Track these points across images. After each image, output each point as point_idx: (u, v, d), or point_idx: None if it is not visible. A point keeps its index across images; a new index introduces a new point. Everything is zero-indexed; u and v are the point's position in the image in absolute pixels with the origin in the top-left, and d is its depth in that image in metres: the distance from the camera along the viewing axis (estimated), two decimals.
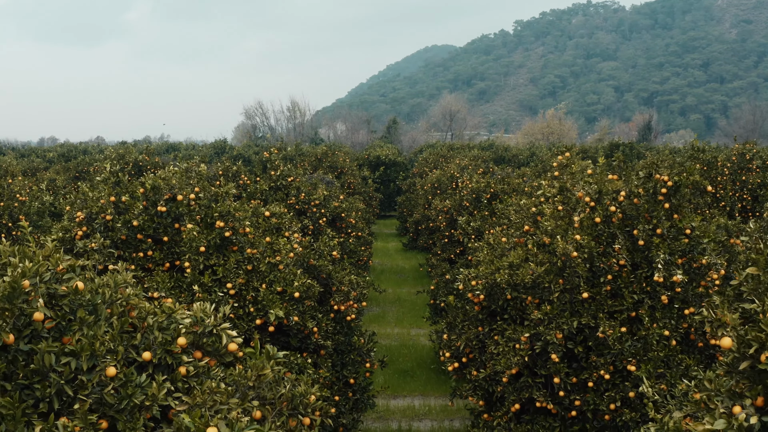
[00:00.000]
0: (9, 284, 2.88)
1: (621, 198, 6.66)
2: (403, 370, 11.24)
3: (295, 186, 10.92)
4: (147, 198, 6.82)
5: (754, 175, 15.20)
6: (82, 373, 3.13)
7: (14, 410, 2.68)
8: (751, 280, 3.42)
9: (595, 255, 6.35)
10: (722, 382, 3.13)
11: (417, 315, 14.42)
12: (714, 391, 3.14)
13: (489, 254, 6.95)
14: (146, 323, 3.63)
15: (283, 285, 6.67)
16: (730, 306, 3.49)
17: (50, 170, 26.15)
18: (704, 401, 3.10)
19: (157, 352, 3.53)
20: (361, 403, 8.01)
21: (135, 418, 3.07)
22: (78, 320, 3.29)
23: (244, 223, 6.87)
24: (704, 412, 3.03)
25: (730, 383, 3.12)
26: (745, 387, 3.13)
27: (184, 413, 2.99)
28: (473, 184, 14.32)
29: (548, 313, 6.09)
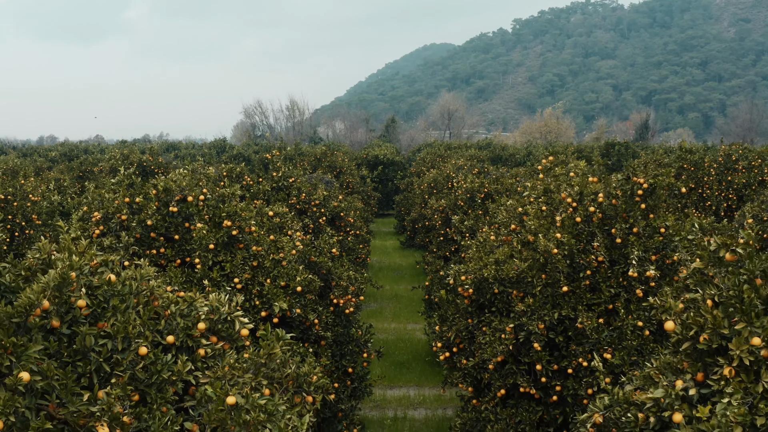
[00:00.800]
0: (60, 275, 3.38)
1: (600, 199, 7.17)
2: (400, 362, 11.76)
3: (296, 186, 11.43)
4: (159, 199, 7.32)
5: (739, 176, 15.71)
6: (117, 352, 3.63)
7: (66, 381, 3.18)
8: (696, 273, 3.93)
9: (575, 252, 6.86)
10: (667, 360, 3.64)
11: (413, 310, 14.93)
12: (660, 368, 3.65)
13: (478, 251, 7.46)
14: (169, 311, 4.13)
15: (286, 280, 7.17)
16: (679, 296, 4.00)
17: (54, 170, 26.60)
18: (651, 376, 3.61)
19: (180, 336, 4.04)
20: (359, 391, 8.52)
21: (164, 391, 3.57)
22: (111, 308, 3.79)
23: (250, 222, 7.37)
24: (650, 385, 3.54)
25: (673, 361, 3.63)
26: (687, 365, 3.64)
27: (208, 385, 3.50)
28: (467, 184, 14.83)
29: (531, 305, 6.60)
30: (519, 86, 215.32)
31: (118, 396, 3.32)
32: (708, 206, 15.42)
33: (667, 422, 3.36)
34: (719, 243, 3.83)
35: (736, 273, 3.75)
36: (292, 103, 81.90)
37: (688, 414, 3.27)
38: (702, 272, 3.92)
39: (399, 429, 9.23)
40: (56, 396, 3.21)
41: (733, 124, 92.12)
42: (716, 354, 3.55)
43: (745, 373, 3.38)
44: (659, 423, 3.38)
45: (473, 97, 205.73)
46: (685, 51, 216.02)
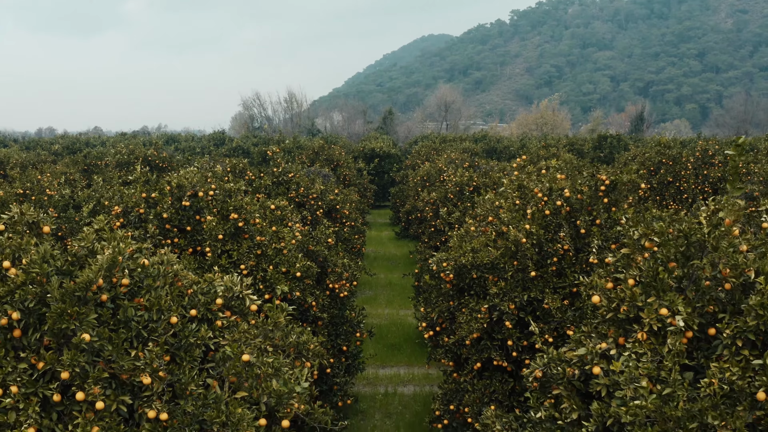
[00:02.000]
0: (110, 259, 4.23)
1: (567, 194, 8.02)
2: (391, 344, 12.66)
3: (295, 181, 12.26)
4: (173, 194, 8.16)
5: (715, 170, 16.58)
6: (152, 322, 4.48)
7: (118, 341, 4.05)
8: (623, 258, 4.80)
9: (544, 241, 7.72)
10: (594, 327, 4.52)
11: (405, 297, 15.82)
12: (588, 333, 4.53)
13: (459, 241, 8.33)
14: (191, 290, 4.99)
15: (287, 266, 8.03)
16: (610, 276, 4.88)
17: (60, 163, 27.35)
18: (581, 339, 4.49)
19: (201, 310, 4.90)
20: (353, 368, 9.42)
21: (190, 352, 4.44)
22: (146, 286, 4.64)
23: (254, 215, 8.22)
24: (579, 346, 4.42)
25: (600, 328, 4.51)
26: (612, 331, 4.52)
27: (227, 346, 4.37)
28: (457, 177, 15.68)
29: (503, 288, 7.48)
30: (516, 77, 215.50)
31: (156, 354, 4.18)
32: (685, 198, 16.30)
33: (589, 374, 4.24)
34: (641, 233, 4.70)
35: (653, 257, 4.63)
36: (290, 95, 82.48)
37: (606, 368, 4.15)
38: (628, 256, 4.79)
39: (389, 403, 10.14)
40: (108, 354, 4.08)
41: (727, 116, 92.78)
42: (633, 322, 4.44)
43: (654, 336, 4.26)
44: (583, 375, 4.26)
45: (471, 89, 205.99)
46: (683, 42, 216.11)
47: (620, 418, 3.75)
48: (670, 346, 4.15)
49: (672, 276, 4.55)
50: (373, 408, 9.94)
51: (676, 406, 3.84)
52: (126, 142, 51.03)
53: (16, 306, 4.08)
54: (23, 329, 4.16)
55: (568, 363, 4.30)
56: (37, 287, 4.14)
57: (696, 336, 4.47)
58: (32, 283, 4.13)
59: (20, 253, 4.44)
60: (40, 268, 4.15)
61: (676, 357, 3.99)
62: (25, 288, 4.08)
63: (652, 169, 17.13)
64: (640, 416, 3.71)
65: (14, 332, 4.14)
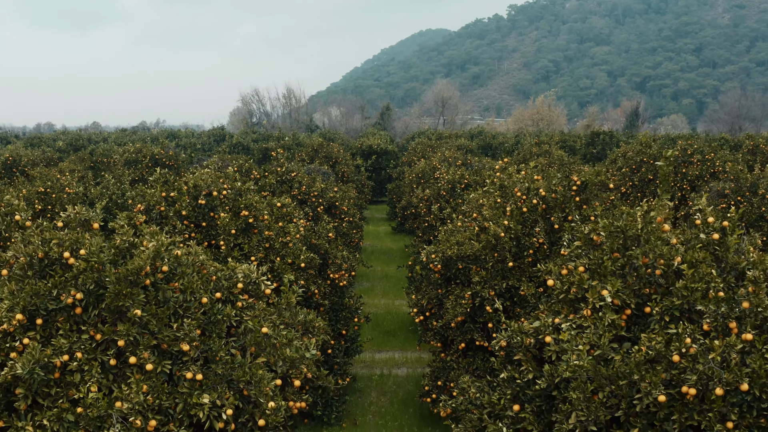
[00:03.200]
0: (155, 249, 5.18)
1: (543, 193, 8.98)
2: (387, 331, 13.65)
3: (298, 180, 13.20)
4: (190, 193, 9.10)
5: (693, 168, 17.54)
6: (186, 302, 5.43)
7: (162, 315, 5.00)
8: (576, 249, 5.77)
9: (521, 235, 8.69)
10: (549, 305, 5.49)
11: (400, 288, 16.77)
12: (545, 311, 5.50)
13: (446, 235, 9.29)
14: (215, 276, 5.94)
15: (292, 258, 8.98)
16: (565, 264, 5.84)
17: (66, 160, 28.20)
18: (538, 315, 5.46)
19: (224, 293, 5.85)
20: (352, 350, 10.40)
21: (219, 326, 5.39)
22: (179, 273, 5.59)
23: (263, 212, 9.17)
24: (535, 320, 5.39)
25: (554, 306, 5.49)
26: (564, 309, 5.49)
27: (249, 320, 5.33)
28: (449, 175, 16.63)
29: (485, 277, 8.45)
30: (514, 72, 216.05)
31: (191, 328, 5.14)
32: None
33: (543, 343, 5.21)
34: (590, 229, 5.67)
35: (600, 249, 5.60)
36: (288, 91, 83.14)
37: (556, 337, 5.12)
38: (579, 248, 5.76)
39: (385, 383, 11.12)
40: (153, 327, 5.03)
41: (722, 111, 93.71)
42: (581, 301, 5.41)
43: (596, 312, 5.23)
44: (538, 344, 5.23)
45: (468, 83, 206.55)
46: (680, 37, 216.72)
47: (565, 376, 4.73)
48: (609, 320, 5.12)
49: (616, 264, 5.52)
50: (370, 387, 10.93)
51: (609, 367, 4.81)
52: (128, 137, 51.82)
53: (79, 288, 5.03)
54: (84, 307, 5.12)
55: (526, 334, 5.27)
56: (95, 273, 5.09)
57: (634, 313, 5.45)
58: (91, 269, 5.09)
59: (77, 246, 5.39)
60: (97, 257, 5.11)
61: (609, 327, 4.96)
62: (86, 274, 5.03)
63: (633, 168, 18.09)
64: (578, 373, 4.68)
65: (76, 310, 5.09)
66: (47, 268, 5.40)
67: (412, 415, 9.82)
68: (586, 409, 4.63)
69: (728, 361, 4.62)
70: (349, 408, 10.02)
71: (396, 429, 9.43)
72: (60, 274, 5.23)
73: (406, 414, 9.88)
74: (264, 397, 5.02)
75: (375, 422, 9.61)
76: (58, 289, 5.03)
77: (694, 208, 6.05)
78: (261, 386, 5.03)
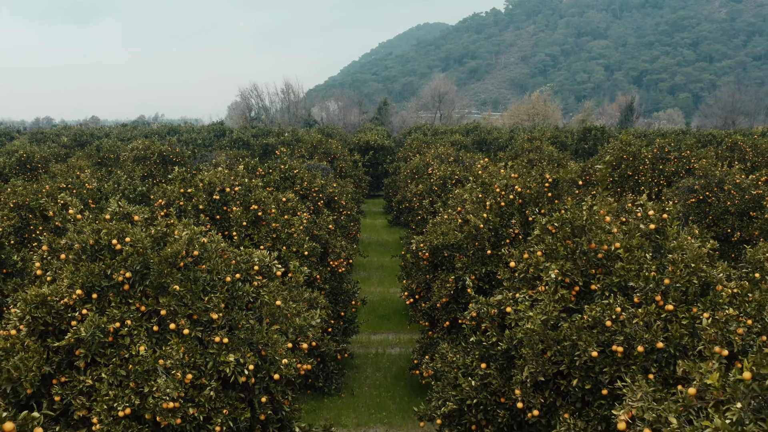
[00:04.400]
0: (189, 237, 6.32)
1: (518, 189, 10.13)
2: (382, 315, 14.83)
3: (300, 177, 14.33)
4: (205, 190, 10.23)
5: (670, 165, 18.70)
6: (212, 281, 6.58)
7: (195, 290, 6.15)
8: (535, 237, 6.93)
9: (499, 227, 9.85)
10: (512, 283, 6.66)
11: (395, 277, 17.94)
12: (509, 288, 6.67)
13: (433, 226, 10.45)
14: (235, 261, 7.09)
15: (296, 247, 10.13)
16: (527, 249, 7.00)
17: (74, 156, 29.24)
18: (503, 291, 6.62)
19: (242, 274, 7.00)
20: (350, 330, 11.57)
21: (240, 301, 6.54)
22: (206, 257, 6.74)
23: (270, 206, 10.31)
24: (498, 295, 6.56)
25: (516, 284, 6.65)
26: (523, 286, 6.66)
27: (265, 295, 6.49)
28: (441, 172, 17.77)
29: (466, 263, 9.61)
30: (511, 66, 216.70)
31: (218, 300, 6.29)
32: (642, 190, 18.42)
33: (505, 313, 6.37)
34: (546, 220, 6.83)
35: (556, 237, 6.76)
36: (287, 86, 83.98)
37: (515, 308, 6.29)
38: (539, 236, 6.93)
39: (379, 360, 12.31)
40: (188, 300, 6.18)
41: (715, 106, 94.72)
42: (537, 280, 6.58)
43: (549, 288, 6.40)
44: (500, 313, 6.40)
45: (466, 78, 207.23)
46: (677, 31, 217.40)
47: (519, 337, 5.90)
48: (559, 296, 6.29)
49: (567, 249, 6.69)
50: (366, 364, 12.11)
51: (557, 332, 5.98)
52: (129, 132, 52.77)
53: (128, 269, 6.18)
54: (131, 284, 6.27)
55: (491, 306, 6.44)
56: (140, 257, 6.24)
57: (582, 290, 6.61)
58: (137, 253, 6.23)
59: (122, 234, 6.53)
60: (141, 243, 6.26)
61: (559, 300, 6.13)
62: (133, 257, 6.18)
63: (614, 164, 19.24)
64: (530, 335, 5.85)
65: (124, 286, 6.24)
66: (97, 253, 6.55)
67: (403, 387, 11.01)
68: (536, 363, 5.81)
69: (650, 326, 5.80)
70: (347, 381, 11.22)
71: (388, 398, 10.62)
72: (109, 258, 6.37)
73: (397, 386, 11.07)
74: (278, 356, 6.19)
75: (370, 393, 10.80)
76: (110, 269, 6.17)
77: (637, 203, 7.21)
78: (276, 348, 6.20)
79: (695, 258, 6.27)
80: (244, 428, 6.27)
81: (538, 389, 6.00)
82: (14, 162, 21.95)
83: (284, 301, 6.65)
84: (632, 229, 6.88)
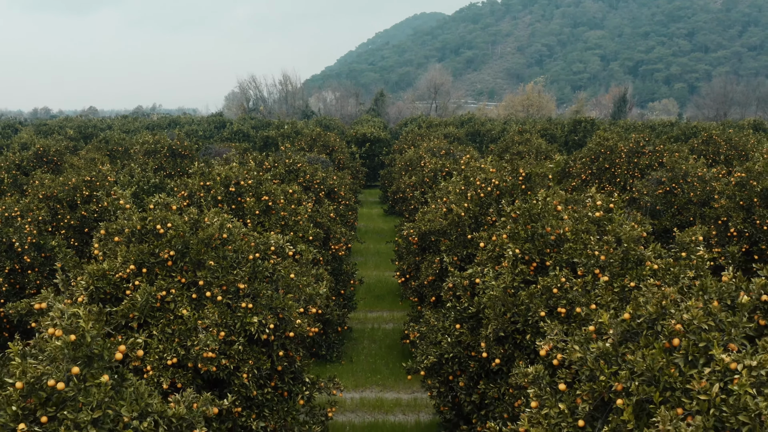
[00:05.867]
0: (220, 223, 7.82)
1: (495, 182, 11.63)
2: (378, 296, 16.38)
3: (303, 170, 15.80)
4: (223, 183, 11.70)
5: (644, 158, 20.21)
6: (238, 259, 8.08)
7: (226, 265, 7.66)
8: (503, 223, 8.45)
9: (478, 215, 11.36)
10: (482, 260, 8.19)
11: (390, 262, 19.49)
12: (479, 263, 8.19)
13: (422, 215, 11.96)
14: (254, 243, 8.59)
15: (302, 233, 11.63)
16: (495, 233, 8.51)
17: (84, 149, 30.59)
18: (477, 266, 8.15)
19: (261, 253, 8.50)
20: (348, 306, 13.12)
21: (261, 275, 8.04)
22: (232, 240, 8.23)
23: (279, 197, 11.79)
24: (469, 269, 8.08)
25: (484, 261, 8.18)
26: (489, 262, 8.19)
27: (282, 270, 8.00)
28: (432, 164, 19.25)
29: (449, 246, 11.13)
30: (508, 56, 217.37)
31: (244, 274, 7.80)
32: (618, 182, 19.96)
33: (475, 283, 7.90)
34: (511, 209, 8.34)
35: (515, 222, 8.28)
36: (284, 77, 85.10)
37: (483, 279, 7.81)
38: (504, 222, 8.45)
39: (375, 334, 13.87)
40: (220, 273, 7.69)
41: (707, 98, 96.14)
42: (501, 257, 8.10)
43: (512, 264, 7.92)
44: (471, 284, 7.93)
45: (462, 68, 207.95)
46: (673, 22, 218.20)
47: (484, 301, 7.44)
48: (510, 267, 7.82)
49: (527, 232, 8.21)
50: (363, 337, 13.67)
51: (516, 298, 7.51)
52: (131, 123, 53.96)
53: (171, 248, 7.67)
54: (173, 261, 7.76)
55: (464, 278, 7.96)
56: (180, 238, 7.73)
57: (540, 266, 8.14)
58: (178, 236, 7.73)
59: (164, 221, 8.02)
60: (182, 228, 7.75)
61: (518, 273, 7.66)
62: (176, 239, 7.68)
63: (593, 157, 20.75)
64: (492, 300, 7.38)
65: (168, 263, 7.74)
66: (143, 236, 8.04)
67: (395, 356, 12.58)
68: (497, 322, 7.34)
69: (589, 292, 7.33)
70: (346, 350, 12.78)
71: (382, 365, 12.19)
72: (154, 240, 7.86)
73: (390, 355, 12.64)
74: (293, 318, 7.71)
75: (366, 360, 12.37)
76: (157, 248, 7.67)
77: (586, 195, 8.73)
78: (290, 312, 7.72)
79: (628, 239, 7.79)
80: (265, 376, 7.81)
81: (499, 343, 7.55)
82: (32, 155, 23.33)
83: (296, 275, 8.16)
84: (581, 216, 8.40)
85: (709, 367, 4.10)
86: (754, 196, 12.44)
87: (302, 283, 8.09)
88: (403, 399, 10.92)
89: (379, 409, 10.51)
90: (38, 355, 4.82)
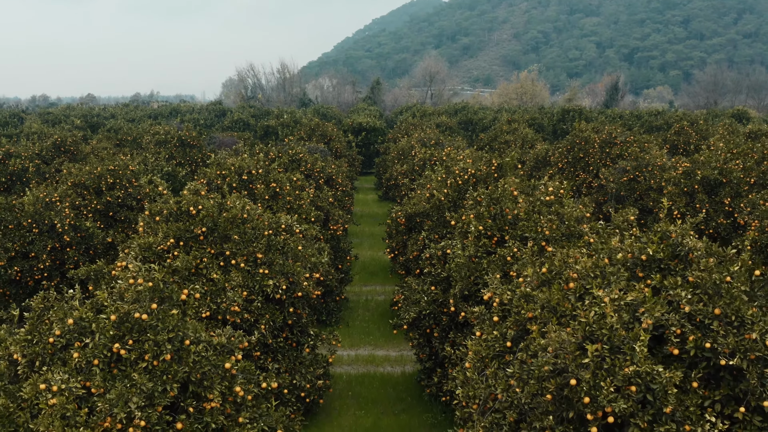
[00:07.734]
0: (242, 205, 9.71)
1: (471, 171, 13.52)
2: (371, 272, 18.35)
3: (304, 159, 17.67)
4: (236, 172, 13.57)
5: (615, 148, 22.10)
6: (256, 235, 9.97)
7: (246, 239, 9.58)
8: (471, 206, 10.37)
9: (456, 200, 13.27)
10: (454, 236, 10.12)
11: (383, 244, 21.45)
12: (452, 237, 10.12)
13: (408, 199, 13.86)
14: (268, 222, 10.50)
15: (305, 215, 13.52)
16: (465, 215, 10.43)
17: (95, 139, 32.29)
18: (449, 240, 10.07)
19: (274, 230, 10.41)
20: (345, 279, 15.07)
21: (276, 247, 9.95)
22: (249, 219, 10.13)
23: (285, 184, 13.68)
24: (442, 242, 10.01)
25: (454, 235, 10.11)
26: (458, 237, 10.13)
27: (291, 243, 9.92)
28: (421, 154, 21.12)
29: (431, 226, 13.06)
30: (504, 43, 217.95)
31: (261, 246, 9.71)
32: (591, 170, 21.87)
33: (446, 254, 9.83)
34: (477, 193, 10.26)
35: (481, 205, 10.21)
36: (282, 66, 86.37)
37: (453, 250, 9.74)
38: (471, 204, 10.37)
39: (368, 303, 15.85)
40: (241, 246, 9.59)
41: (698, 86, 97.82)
42: (468, 233, 10.03)
43: (476, 239, 9.85)
44: (443, 254, 9.86)
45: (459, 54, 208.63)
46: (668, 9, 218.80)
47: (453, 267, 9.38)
48: (474, 240, 9.76)
49: (490, 212, 10.13)
50: (358, 306, 15.65)
51: (478, 264, 9.44)
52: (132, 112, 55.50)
53: (203, 225, 9.57)
54: (204, 236, 9.66)
55: (438, 249, 9.89)
56: (210, 218, 9.63)
57: (500, 240, 10.07)
58: (208, 216, 9.62)
59: (196, 203, 9.91)
60: (211, 209, 9.64)
61: (481, 246, 9.59)
62: (206, 218, 9.58)
63: (568, 147, 22.64)
64: (459, 265, 9.30)
65: (200, 237, 9.64)
66: (178, 216, 9.94)
67: (385, 322, 14.57)
68: (463, 283, 9.29)
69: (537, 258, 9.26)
70: (344, 317, 14.76)
71: (375, 329, 14.18)
72: (188, 218, 9.75)
73: (382, 321, 14.63)
74: (301, 281, 9.65)
75: (361, 325, 14.36)
76: (192, 226, 9.57)
77: (540, 182, 10.64)
78: (299, 276, 9.65)
79: (570, 218, 9.72)
80: (278, 328, 9.76)
81: (464, 300, 9.50)
82: (50, 146, 25.09)
83: (303, 248, 10.09)
84: (535, 200, 10.32)
85: (589, 300, 6.06)
86: (695, 184, 14.37)
87: (307, 253, 10.01)
88: (392, 355, 12.91)
89: (371, 363, 12.51)
90: (118, 299, 6.74)
